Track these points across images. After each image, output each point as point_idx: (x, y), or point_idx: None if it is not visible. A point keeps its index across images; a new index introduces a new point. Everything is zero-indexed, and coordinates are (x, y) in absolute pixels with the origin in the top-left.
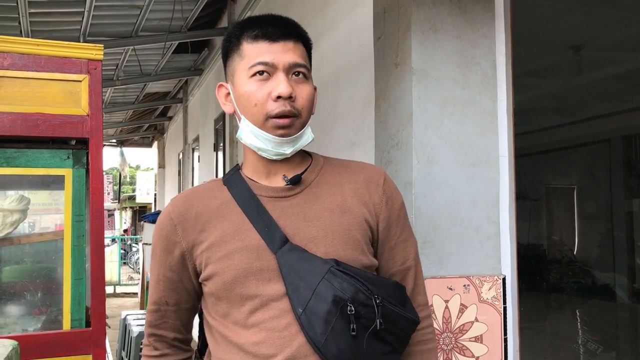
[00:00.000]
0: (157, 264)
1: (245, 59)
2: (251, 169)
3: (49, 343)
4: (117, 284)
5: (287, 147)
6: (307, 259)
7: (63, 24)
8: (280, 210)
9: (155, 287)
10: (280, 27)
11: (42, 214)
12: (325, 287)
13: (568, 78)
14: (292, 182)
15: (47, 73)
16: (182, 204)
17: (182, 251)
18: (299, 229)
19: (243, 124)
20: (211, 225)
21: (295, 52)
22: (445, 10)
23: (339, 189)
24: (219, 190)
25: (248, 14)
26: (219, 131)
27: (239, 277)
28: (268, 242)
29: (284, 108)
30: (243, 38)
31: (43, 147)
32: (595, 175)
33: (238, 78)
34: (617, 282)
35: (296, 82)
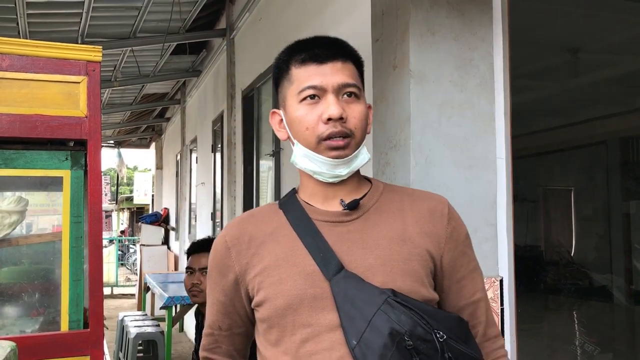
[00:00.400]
0: (212, 287)
1: (294, 84)
2: (308, 193)
3: (46, 344)
4: (114, 285)
5: (343, 169)
6: (363, 288)
7: (61, 25)
8: (337, 235)
9: (210, 310)
10: (327, 48)
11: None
12: (382, 318)
13: (565, 80)
14: (349, 207)
15: (46, 74)
16: (237, 227)
17: (236, 275)
18: (356, 256)
19: (297, 148)
20: (265, 249)
21: (344, 72)
22: (443, 13)
23: (400, 217)
24: (275, 214)
25: (246, 16)
26: (217, 132)
27: (292, 304)
28: (322, 269)
29: (334, 129)
30: (291, 63)
31: (41, 149)
32: (592, 177)
33: (289, 103)
34: (615, 283)
35: (347, 103)
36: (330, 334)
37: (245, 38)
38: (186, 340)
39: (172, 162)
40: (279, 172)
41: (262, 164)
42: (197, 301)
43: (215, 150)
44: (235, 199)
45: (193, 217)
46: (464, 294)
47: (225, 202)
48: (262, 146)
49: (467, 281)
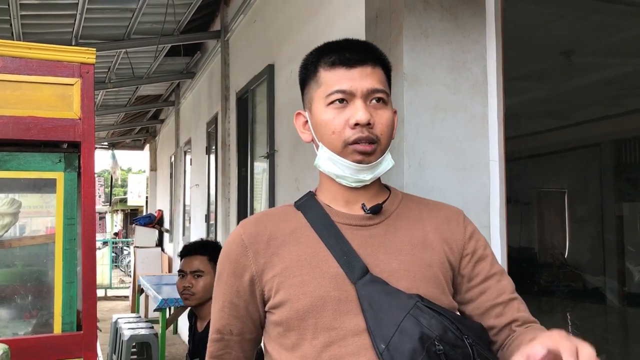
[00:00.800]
0: (223, 289)
1: (322, 87)
2: (328, 197)
3: (39, 347)
4: (108, 287)
5: (367, 174)
6: (390, 292)
7: (55, 27)
8: (360, 239)
9: (220, 314)
10: (357, 52)
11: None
12: (411, 323)
13: (558, 83)
14: (372, 211)
15: (39, 76)
16: (254, 226)
17: (252, 275)
18: (380, 260)
19: (321, 151)
20: (285, 249)
21: (374, 77)
22: (436, 16)
23: (420, 224)
24: (293, 215)
25: (241, 18)
26: (211, 134)
27: (315, 306)
28: (347, 271)
29: (361, 134)
30: (320, 65)
31: (35, 151)
32: (585, 179)
33: (315, 106)
34: (608, 285)
35: (374, 108)
36: (355, 338)
37: (239, 40)
38: (180, 342)
39: (166, 163)
40: (273, 174)
41: (256, 166)
42: (189, 304)
43: (210, 152)
44: (230, 201)
45: (187, 219)
46: (489, 295)
47: (219, 204)
48: (256, 148)
49: (490, 283)
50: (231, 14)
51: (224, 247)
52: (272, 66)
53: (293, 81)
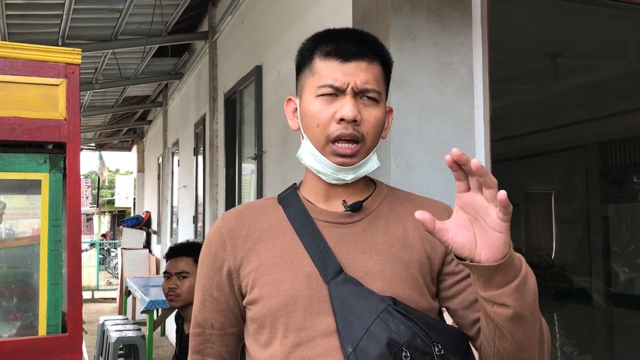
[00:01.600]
0: (204, 282)
1: (315, 76)
2: (309, 190)
3: (24, 349)
4: (95, 289)
5: (348, 174)
6: (363, 294)
7: (41, 27)
8: (337, 237)
9: (201, 308)
10: (355, 45)
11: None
12: (380, 327)
13: (545, 85)
14: (352, 209)
15: (24, 77)
16: (234, 219)
17: (229, 269)
18: (355, 260)
19: (305, 143)
20: (261, 245)
21: (368, 73)
22: (423, 18)
23: (401, 223)
24: (273, 209)
25: (229, 19)
26: (199, 135)
27: (287, 305)
28: (321, 270)
29: (344, 131)
30: (316, 53)
31: (19, 151)
32: (572, 181)
33: (305, 94)
34: (594, 286)
35: (364, 105)
36: (325, 339)
37: (227, 41)
38: (167, 344)
39: (154, 165)
40: (261, 176)
41: (244, 167)
42: (175, 305)
43: (197, 153)
44: (218, 202)
45: (175, 221)
46: (472, 289)
47: (207, 206)
48: (244, 149)
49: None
50: (219, 15)
51: (205, 240)
52: (260, 67)
53: (281, 82)
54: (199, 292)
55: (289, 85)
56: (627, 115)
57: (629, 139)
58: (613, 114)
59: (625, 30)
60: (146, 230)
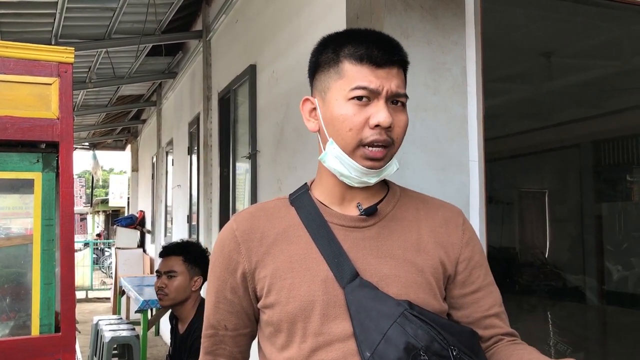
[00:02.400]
0: (217, 285)
1: (344, 79)
2: (324, 192)
3: (17, 349)
4: (89, 289)
5: (373, 177)
6: (379, 298)
7: (34, 26)
8: (352, 241)
9: (214, 309)
10: (387, 51)
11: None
12: (397, 331)
13: (538, 84)
14: (367, 213)
15: (16, 76)
16: (247, 222)
17: (244, 272)
18: (370, 265)
19: (330, 147)
20: (277, 249)
21: (398, 79)
22: (416, 17)
23: (415, 226)
24: (286, 211)
25: (222, 18)
26: (193, 134)
27: (304, 310)
28: (337, 275)
29: (379, 137)
30: (344, 55)
31: (12, 151)
32: (565, 180)
33: (332, 97)
34: (587, 284)
35: (395, 111)
36: (342, 343)
37: (221, 40)
38: (162, 344)
39: (148, 164)
40: (255, 175)
41: (238, 166)
42: (163, 304)
43: (192, 153)
44: (212, 201)
45: (169, 220)
46: (481, 306)
47: (201, 205)
48: (238, 148)
49: (483, 293)
50: (213, 14)
51: (217, 241)
52: (254, 66)
53: (275, 81)
54: (211, 294)
55: (283, 84)
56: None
57: (622, 138)
58: (606, 113)
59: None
60: (140, 229)
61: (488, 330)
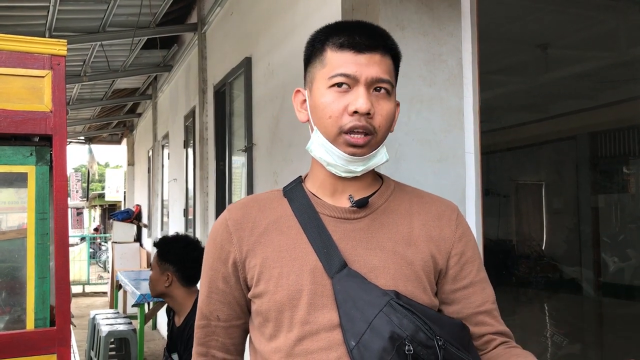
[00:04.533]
0: (210, 274)
1: (326, 67)
2: (316, 184)
3: (12, 343)
4: (86, 283)
5: (358, 165)
6: (366, 288)
7: (28, 19)
8: (342, 232)
9: (207, 300)
10: (368, 38)
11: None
12: (383, 321)
13: (535, 76)
14: (358, 205)
15: (9, 68)
16: (240, 211)
17: (235, 261)
18: (360, 256)
19: (315, 135)
20: (267, 238)
21: (381, 66)
22: (412, 8)
23: (407, 220)
24: (278, 202)
25: (217, 10)
26: (189, 128)
27: (292, 299)
28: (325, 265)
29: (357, 122)
30: (327, 44)
31: (5, 144)
32: (562, 172)
33: (316, 86)
34: (584, 276)
35: (376, 98)
36: (328, 333)
37: (216, 32)
38: (159, 338)
39: (144, 158)
40: (251, 168)
41: (234, 160)
42: (153, 295)
43: (187, 146)
44: (208, 195)
45: (165, 214)
46: (472, 302)
47: (197, 199)
48: (234, 142)
49: (475, 289)
50: (208, 6)
51: (211, 232)
52: (249, 59)
53: (270, 74)
54: (205, 284)
55: (278, 77)
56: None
57: (619, 130)
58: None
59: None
60: (137, 223)
61: (479, 327)
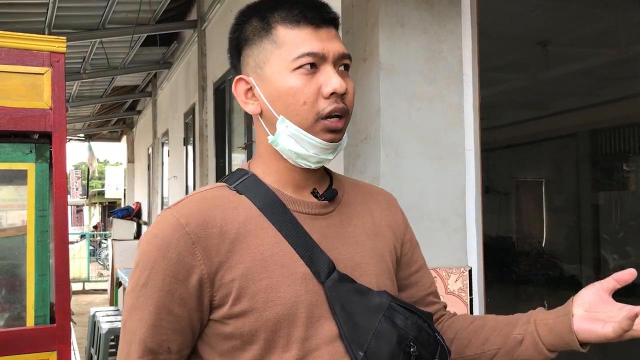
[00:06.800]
0: (158, 298)
1: (283, 48)
2: (274, 178)
3: (12, 340)
4: (86, 281)
5: (331, 153)
6: (361, 292)
7: (27, 16)
8: (320, 230)
9: (153, 330)
10: (321, 11)
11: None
12: (388, 325)
13: (535, 73)
14: (327, 198)
15: (8, 65)
16: (199, 214)
17: (201, 278)
18: (342, 254)
19: (281, 126)
20: (243, 245)
21: (339, 40)
22: (412, 5)
23: (367, 211)
24: (237, 200)
25: (217, 7)
26: (189, 125)
27: (288, 314)
28: (313, 270)
29: (337, 105)
30: (276, 21)
31: (4, 141)
32: (562, 169)
33: (273, 70)
34: (584, 273)
35: (342, 76)
36: (329, 346)
37: (216, 30)
38: None
39: (144, 155)
40: None
41: (234, 157)
42: None
43: (187, 143)
44: None
45: None
46: (424, 282)
47: None
48: (234, 139)
49: (425, 270)
50: (207, 3)
51: (154, 242)
52: None
53: None
54: (147, 311)
55: None
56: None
57: (619, 127)
58: (604, 102)
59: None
60: (137, 221)
61: (430, 307)
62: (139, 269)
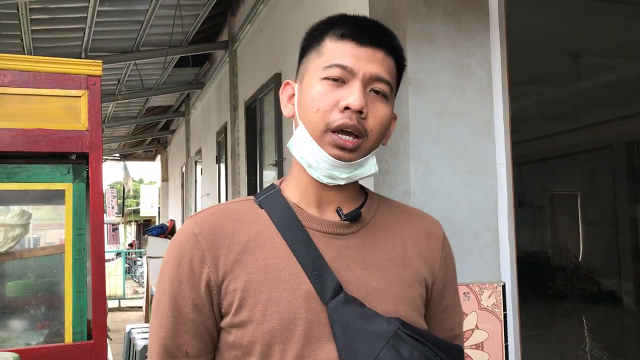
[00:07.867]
0: (173, 302)
1: (322, 57)
2: (298, 193)
3: (50, 356)
4: (121, 298)
5: (343, 172)
6: (367, 316)
7: (65, 40)
8: (334, 251)
9: (172, 333)
10: (373, 32)
11: (46, 229)
12: (391, 354)
13: (567, 85)
14: (350, 218)
15: (47, 89)
16: (212, 224)
17: (208, 284)
18: (356, 277)
19: (298, 131)
20: (249, 257)
21: (383, 65)
22: (439, 20)
23: (399, 236)
24: (255, 214)
25: (248, 28)
26: (221, 143)
27: (284, 330)
28: (318, 289)
29: (348, 121)
30: (327, 34)
31: (43, 162)
32: (598, 182)
33: (308, 77)
34: (623, 288)
35: (373, 100)
36: None
37: (247, 50)
38: None
39: (178, 174)
40: None
41: (265, 174)
42: None
43: (220, 162)
44: None
45: None
46: (445, 325)
47: None
48: (265, 156)
49: (451, 312)
50: (238, 24)
51: (173, 249)
52: (279, 74)
53: None
54: (165, 315)
55: None
56: None
57: None
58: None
59: None
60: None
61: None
62: (161, 275)
